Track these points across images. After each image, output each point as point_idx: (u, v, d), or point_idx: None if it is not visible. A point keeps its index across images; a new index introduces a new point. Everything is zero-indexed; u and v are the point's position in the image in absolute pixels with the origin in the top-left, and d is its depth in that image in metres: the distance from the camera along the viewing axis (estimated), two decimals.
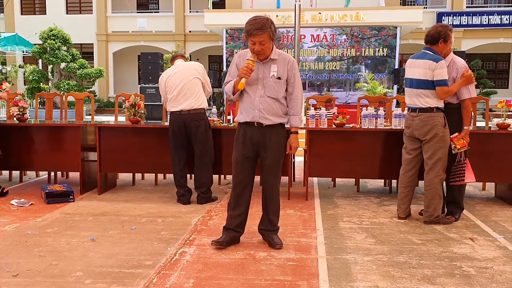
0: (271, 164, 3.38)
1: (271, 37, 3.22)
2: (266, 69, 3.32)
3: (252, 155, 3.39)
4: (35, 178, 6.18)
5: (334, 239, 3.67)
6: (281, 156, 3.42)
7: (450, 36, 4.00)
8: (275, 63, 3.33)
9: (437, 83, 3.91)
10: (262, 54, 3.24)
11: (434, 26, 4.10)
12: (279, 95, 3.33)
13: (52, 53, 15.72)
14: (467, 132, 4.04)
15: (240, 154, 3.39)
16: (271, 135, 3.34)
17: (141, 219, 4.21)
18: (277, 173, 3.43)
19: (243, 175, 3.41)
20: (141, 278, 2.88)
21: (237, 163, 3.41)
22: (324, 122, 4.91)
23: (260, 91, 3.31)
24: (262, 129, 3.33)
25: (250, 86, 3.32)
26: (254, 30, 3.15)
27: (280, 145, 3.40)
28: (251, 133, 3.35)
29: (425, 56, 4.01)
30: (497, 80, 21.02)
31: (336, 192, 5.44)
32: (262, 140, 3.34)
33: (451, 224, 4.07)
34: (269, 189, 3.44)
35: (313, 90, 16.33)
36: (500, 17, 19.01)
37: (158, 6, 23.25)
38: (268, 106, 3.30)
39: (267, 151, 3.36)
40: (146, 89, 13.48)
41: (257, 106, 3.30)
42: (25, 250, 3.35)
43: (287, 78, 3.35)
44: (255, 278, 2.89)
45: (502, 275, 2.98)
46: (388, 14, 15.88)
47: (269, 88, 3.31)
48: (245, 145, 3.37)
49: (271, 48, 3.28)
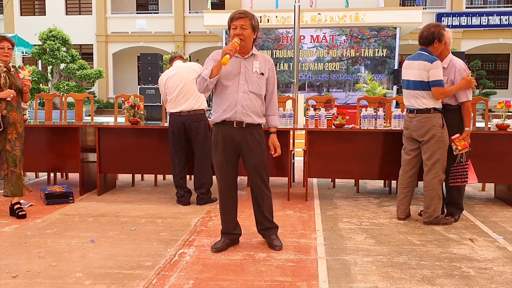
0: (256, 164, 3.34)
1: (253, 27, 3.23)
2: (248, 64, 3.29)
3: (233, 158, 3.35)
4: (35, 179, 6.18)
5: (333, 240, 3.67)
6: (264, 155, 3.38)
7: (444, 35, 3.98)
8: (257, 60, 3.32)
9: (432, 83, 3.91)
10: (242, 40, 3.19)
11: (426, 26, 4.05)
12: (261, 91, 3.32)
13: (51, 54, 15.73)
14: (468, 133, 4.04)
15: (222, 158, 3.33)
16: (252, 135, 3.31)
17: (140, 220, 4.21)
18: (264, 172, 3.40)
19: (228, 179, 3.38)
20: (140, 279, 2.88)
21: (220, 168, 3.35)
22: (324, 122, 4.91)
23: (243, 86, 3.25)
24: (242, 130, 3.28)
25: (232, 80, 3.26)
26: (237, 14, 3.23)
27: (262, 144, 3.37)
28: (230, 135, 3.29)
29: (420, 57, 4.00)
30: (496, 81, 21.03)
31: (336, 193, 5.44)
32: (244, 142, 3.30)
33: (450, 225, 4.07)
34: (259, 189, 3.41)
35: (312, 90, 16.35)
36: (500, 18, 19.03)
37: (158, 7, 23.25)
38: (251, 103, 3.26)
39: (251, 152, 3.32)
40: (145, 90, 13.47)
41: (240, 101, 3.23)
42: (25, 251, 3.35)
43: (267, 76, 3.35)
44: (255, 279, 2.89)
45: (502, 275, 2.98)
46: (388, 15, 15.91)
47: (253, 84, 3.27)
48: (226, 149, 3.31)
49: (251, 39, 3.26)
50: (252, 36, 3.27)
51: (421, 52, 4.04)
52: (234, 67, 3.26)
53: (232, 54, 3.11)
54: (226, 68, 3.21)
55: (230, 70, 3.25)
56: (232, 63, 3.24)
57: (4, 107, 4.16)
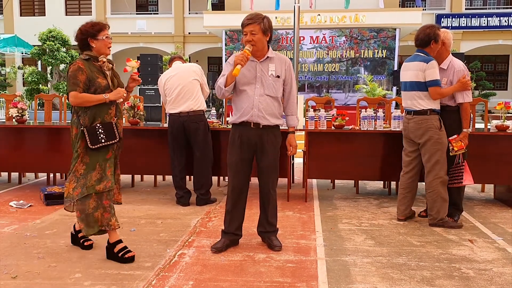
0: (269, 166, 3.38)
1: (263, 30, 3.22)
2: (264, 67, 3.31)
3: (249, 157, 3.38)
4: (34, 179, 6.17)
5: (333, 241, 3.67)
6: (277, 157, 3.42)
7: (439, 35, 3.98)
8: (273, 62, 3.33)
9: (429, 83, 3.92)
10: (253, 45, 3.20)
11: (421, 28, 4.04)
12: (278, 93, 3.34)
13: (51, 55, 15.73)
14: (466, 134, 4.04)
15: (237, 158, 3.36)
16: (268, 136, 3.34)
17: (140, 220, 4.20)
18: (275, 174, 3.44)
19: (241, 178, 3.40)
20: (140, 280, 2.87)
21: (235, 166, 3.38)
22: (323, 123, 4.91)
23: (259, 90, 3.29)
24: (259, 130, 3.31)
25: (248, 85, 3.30)
26: (246, 21, 3.23)
27: (277, 146, 3.40)
28: (247, 135, 3.33)
29: (416, 58, 4.02)
30: (496, 82, 21.03)
31: (335, 194, 5.44)
32: (260, 142, 3.33)
33: (458, 228, 4.03)
34: (267, 191, 3.44)
35: (312, 91, 16.35)
36: (499, 19, 19.03)
37: (158, 8, 23.25)
38: (267, 106, 3.29)
39: (264, 153, 3.35)
40: (145, 91, 13.48)
41: (256, 105, 3.27)
42: (24, 252, 3.34)
43: (284, 78, 3.36)
44: (254, 280, 2.89)
45: (501, 277, 2.98)
46: (387, 16, 15.91)
47: (268, 87, 3.30)
48: (242, 148, 3.35)
49: (264, 42, 3.26)
50: (264, 39, 3.26)
51: (417, 53, 4.05)
52: (250, 71, 3.29)
53: (243, 64, 3.15)
54: (243, 72, 3.25)
55: (246, 74, 3.29)
56: (248, 67, 3.28)
57: (114, 112, 3.22)
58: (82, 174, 3.11)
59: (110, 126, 3.13)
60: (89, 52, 3.13)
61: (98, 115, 3.10)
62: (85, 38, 3.11)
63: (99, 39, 3.10)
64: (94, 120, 3.09)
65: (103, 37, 3.10)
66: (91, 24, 3.11)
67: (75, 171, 3.12)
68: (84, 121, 3.08)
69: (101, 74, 3.14)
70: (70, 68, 3.08)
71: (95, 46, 3.11)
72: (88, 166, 3.11)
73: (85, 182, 3.10)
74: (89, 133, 3.04)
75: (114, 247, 3.17)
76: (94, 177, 3.11)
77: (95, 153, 3.09)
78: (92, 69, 3.11)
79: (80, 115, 3.10)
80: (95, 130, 3.06)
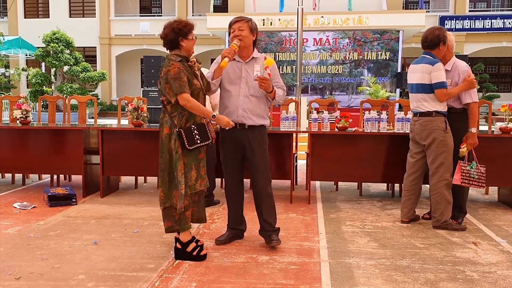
0: (257, 165, 3.43)
1: (251, 28, 3.31)
2: (249, 68, 3.37)
3: (238, 156, 3.46)
4: (38, 181, 6.19)
5: (336, 243, 3.66)
6: (265, 156, 3.46)
7: (447, 38, 4.01)
8: (258, 63, 3.39)
9: (435, 85, 3.92)
10: (241, 40, 3.25)
11: (430, 30, 4.05)
12: (262, 93, 3.38)
13: (55, 57, 15.78)
14: (472, 134, 4.03)
15: (227, 156, 3.49)
16: (253, 136, 3.39)
17: (143, 222, 4.21)
18: (265, 173, 3.46)
19: (233, 176, 3.52)
20: (143, 281, 2.87)
21: (226, 163, 3.51)
22: (327, 125, 4.90)
23: (244, 90, 3.34)
24: (245, 130, 3.37)
25: (233, 85, 3.36)
26: (234, 19, 3.35)
27: (264, 145, 3.45)
28: (233, 135, 3.39)
29: (423, 60, 4.02)
30: (500, 84, 20.97)
31: (339, 196, 5.44)
32: (247, 142, 3.39)
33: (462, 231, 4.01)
34: (258, 190, 3.48)
35: (315, 93, 16.34)
36: (503, 21, 18.98)
37: (161, 10, 23.32)
38: (252, 106, 3.35)
39: (252, 153, 3.41)
40: (148, 93, 13.50)
41: (241, 105, 3.34)
42: (28, 253, 3.35)
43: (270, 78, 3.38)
44: (258, 282, 2.89)
45: (506, 279, 2.97)
46: (391, 18, 15.89)
47: (253, 87, 3.35)
48: (230, 147, 3.45)
49: (250, 40, 3.33)
50: (251, 38, 3.34)
51: (424, 55, 4.05)
52: (235, 72, 3.36)
53: (230, 56, 3.20)
54: (228, 73, 3.33)
55: (231, 75, 3.36)
56: (234, 67, 3.35)
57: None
58: (184, 174, 3.12)
59: (204, 127, 3.16)
60: (178, 52, 3.13)
61: (192, 117, 3.15)
62: (177, 37, 3.10)
63: (189, 38, 3.13)
64: (188, 121, 3.14)
65: (192, 37, 3.15)
66: (184, 23, 3.13)
67: (178, 171, 3.10)
68: (180, 122, 3.11)
69: (193, 75, 3.16)
70: (171, 70, 3.05)
71: (185, 45, 3.13)
72: (186, 166, 3.14)
73: (186, 182, 3.12)
74: (186, 134, 3.07)
75: (187, 247, 3.22)
76: (193, 177, 3.16)
77: (190, 153, 3.13)
78: (187, 70, 3.12)
79: (175, 116, 3.12)
80: (191, 131, 3.09)
